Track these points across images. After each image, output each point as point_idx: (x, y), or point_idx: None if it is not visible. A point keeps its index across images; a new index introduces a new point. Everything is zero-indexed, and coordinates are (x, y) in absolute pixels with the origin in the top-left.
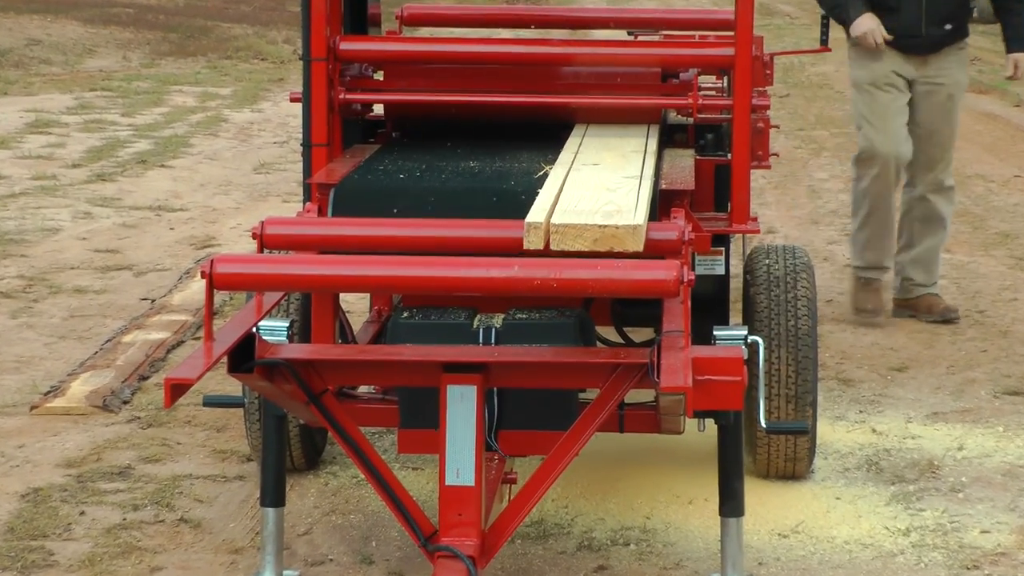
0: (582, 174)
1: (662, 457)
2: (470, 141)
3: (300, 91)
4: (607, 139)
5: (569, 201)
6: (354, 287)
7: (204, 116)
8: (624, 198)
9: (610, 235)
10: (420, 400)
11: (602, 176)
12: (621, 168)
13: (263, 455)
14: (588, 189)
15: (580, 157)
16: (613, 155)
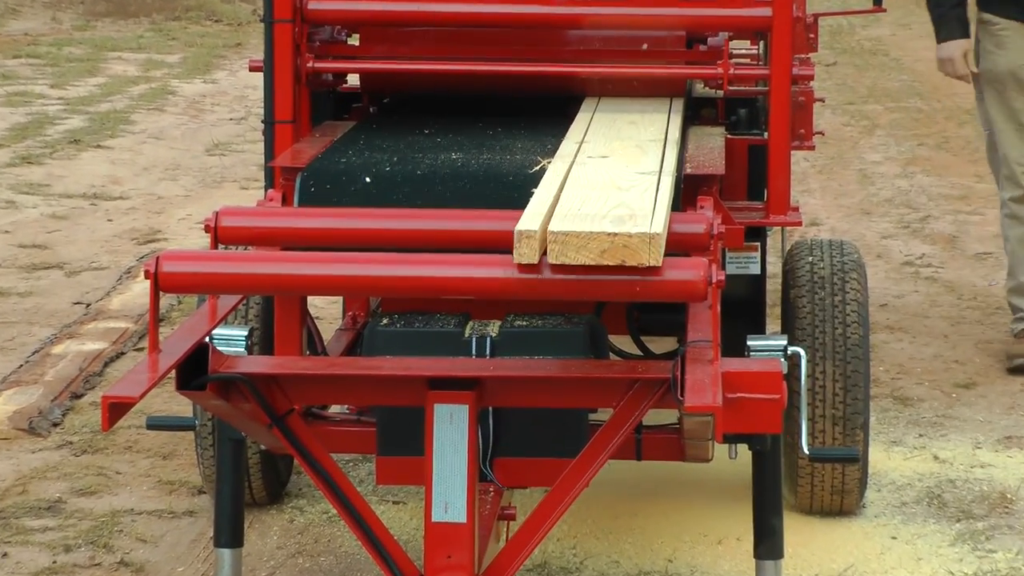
0: (588, 169)
1: (687, 489)
2: (461, 118)
3: (261, 58)
4: (620, 119)
5: (571, 203)
6: (324, 289)
7: (148, 88)
8: (639, 199)
9: (621, 246)
10: (402, 422)
11: (612, 171)
12: (636, 160)
13: (217, 487)
14: (595, 188)
15: (586, 147)
16: (626, 144)
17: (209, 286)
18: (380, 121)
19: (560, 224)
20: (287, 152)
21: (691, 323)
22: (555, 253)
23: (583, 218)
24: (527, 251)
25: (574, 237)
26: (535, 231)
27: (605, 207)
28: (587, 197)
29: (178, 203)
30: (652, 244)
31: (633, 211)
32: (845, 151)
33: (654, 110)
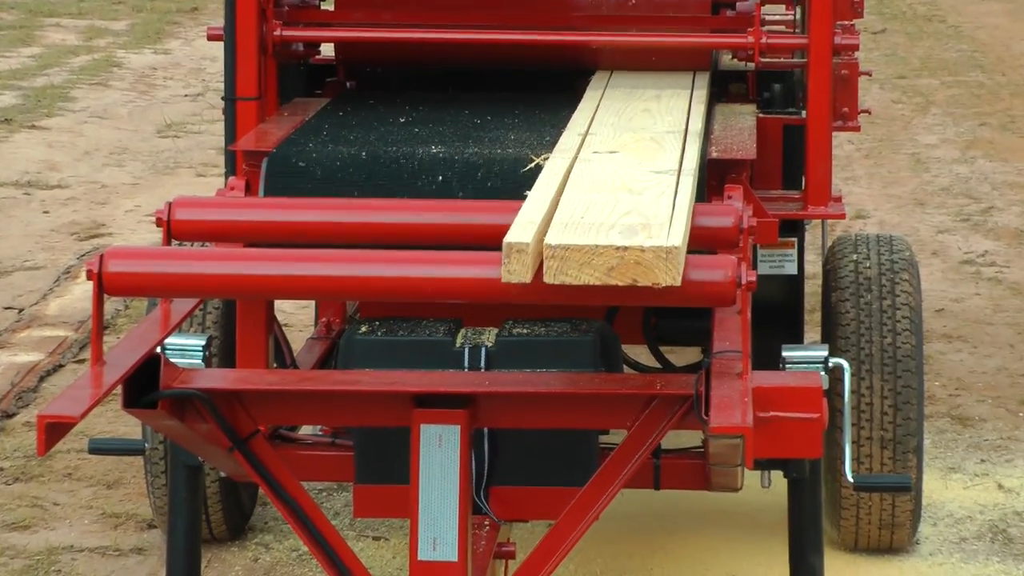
0: (592, 168)
1: (713, 523)
2: (448, 98)
3: (221, 25)
4: (632, 105)
5: (572, 209)
6: (293, 292)
7: (90, 59)
8: (654, 205)
9: (632, 262)
10: (384, 445)
11: (622, 169)
12: (650, 156)
13: (171, 520)
14: (601, 190)
15: (592, 140)
16: (638, 136)
17: (161, 288)
18: (358, 98)
19: (559, 236)
20: (251, 134)
21: (717, 331)
22: (552, 270)
23: (586, 228)
24: (518, 267)
25: (575, 252)
26: (527, 244)
27: (613, 214)
28: (591, 202)
29: (125, 192)
30: (670, 260)
31: (647, 219)
32: (895, 132)
33: (673, 91)
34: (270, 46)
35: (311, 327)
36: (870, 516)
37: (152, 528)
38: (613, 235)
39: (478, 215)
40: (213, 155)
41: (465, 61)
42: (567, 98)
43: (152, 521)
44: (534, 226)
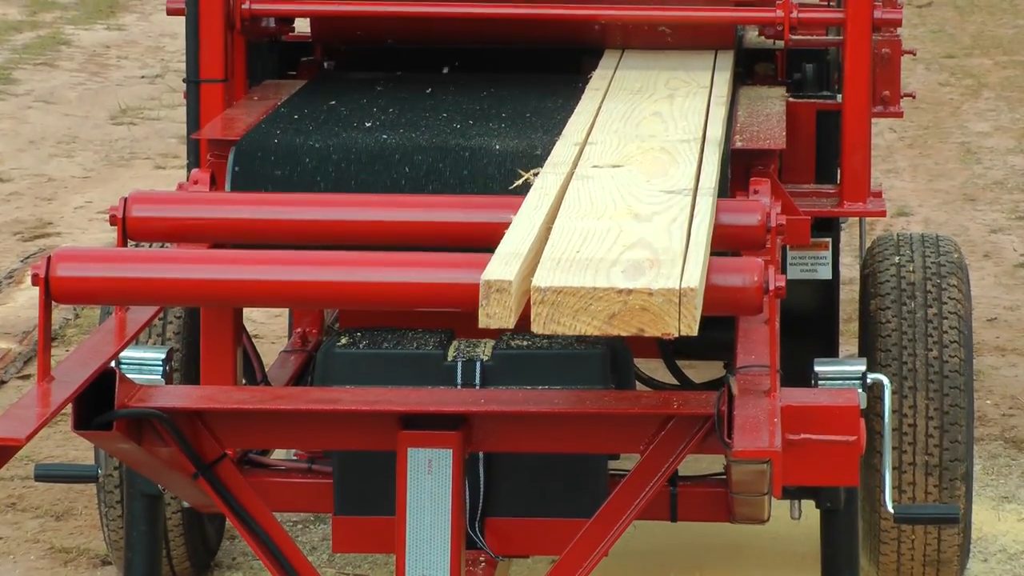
0: (591, 186)
1: (737, 559)
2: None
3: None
4: (642, 101)
5: (565, 240)
6: (264, 299)
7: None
8: (664, 233)
9: (637, 308)
10: (366, 472)
11: (627, 188)
12: (661, 170)
13: (127, 555)
14: (601, 215)
15: (591, 150)
16: (647, 146)
17: (115, 295)
18: (336, 80)
19: (550, 275)
20: (216, 120)
21: (741, 343)
22: (542, 318)
23: (583, 265)
24: (498, 310)
25: (570, 296)
26: (509, 282)
27: (615, 247)
28: (589, 230)
29: (74, 187)
30: (685, 304)
31: (656, 253)
32: (943, 119)
33: (688, 88)
34: (238, 21)
35: (284, 339)
36: (913, 551)
37: (107, 564)
38: (615, 274)
39: (469, 212)
40: (174, 144)
41: (455, 38)
42: (566, 88)
43: (106, 557)
44: (519, 260)
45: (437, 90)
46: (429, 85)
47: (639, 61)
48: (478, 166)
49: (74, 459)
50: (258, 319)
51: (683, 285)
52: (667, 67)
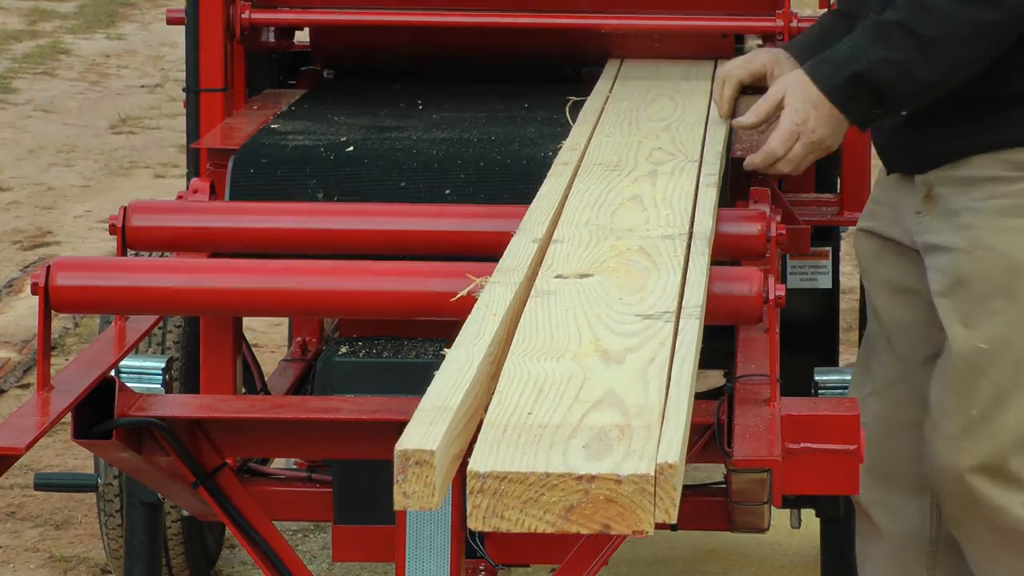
0: (552, 307)
1: (736, 567)
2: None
3: (182, 7)
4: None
5: (515, 393)
6: (264, 307)
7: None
8: (639, 382)
9: (601, 499)
10: (366, 481)
11: (596, 307)
12: (638, 283)
13: (127, 564)
14: (560, 352)
15: (556, 251)
16: (622, 245)
17: (115, 304)
18: (336, 89)
19: (491, 454)
20: (216, 130)
21: (741, 352)
22: (481, 511)
23: (534, 435)
24: (419, 489)
25: (516, 484)
26: (432, 453)
27: (576, 404)
28: (546, 378)
29: (74, 196)
30: (662, 486)
31: (626, 415)
32: None
33: (675, 154)
34: (238, 31)
35: (284, 348)
36: None
37: (106, 573)
38: (574, 450)
39: (469, 221)
40: (173, 153)
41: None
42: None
43: (106, 566)
44: (447, 418)
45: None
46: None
47: (623, 110)
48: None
49: (74, 468)
50: (258, 328)
51: (660, 461)
52: (652, 130)
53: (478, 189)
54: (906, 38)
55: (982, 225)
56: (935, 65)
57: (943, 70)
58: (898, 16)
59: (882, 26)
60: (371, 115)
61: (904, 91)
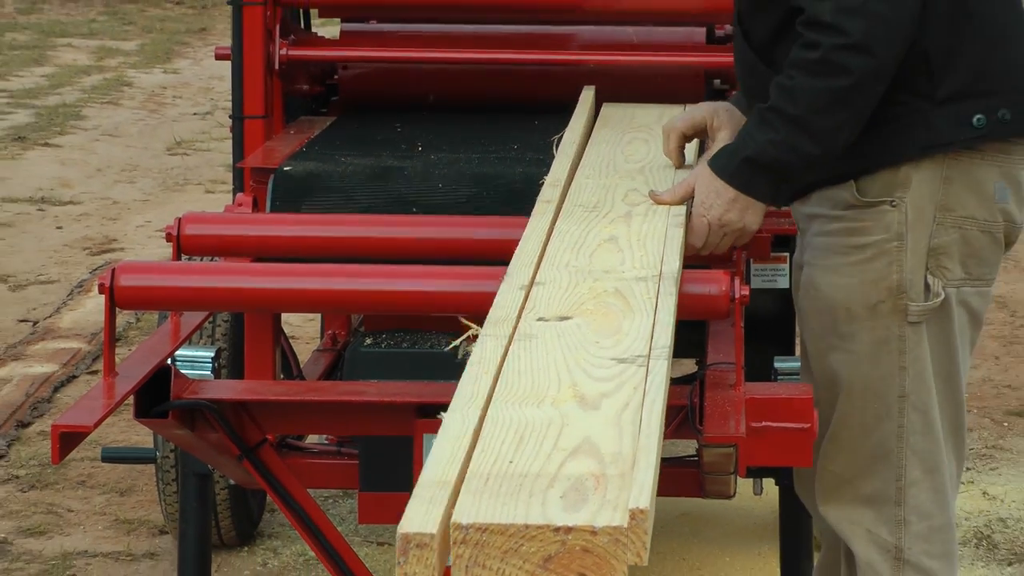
0: (535, 349)
1: (706, 529)
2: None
3: (228, 45)
4: (597, 222)
5: (497, 443)
6: (300, 305)
7: (101, 79)
8: (614, 427)
9: (578, 550)
10: (388, 454)
11: (575, 351)
12: (613, 325)
13: (181, 526)
14: (540, 398)
15: (539, 293)
16: (598, 288)
17: (171, 302)
18: (362, 117)
19: (473, 505)
20: (258, 151)
21: (711, 343)
22: (464, 560)
23: (514, 485)
24: (420, 570)
25: (496, 535)
26: (432, 536)
27: (555, 453)
28: (526, 425)
29: (136, 208)
30: (634, 530)
31: (602, 464)
32: None
33: (647, 205)
34: (277, 65)
35: (317, 339)
36: None
37: (164, 534)
38: (552, 501)
39: (477, 230)
40: (221, 172)
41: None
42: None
43: (164, 527)
44: (444, 494)
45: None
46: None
47: (602, 153)
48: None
49: (135, 443)
50: (294, 323)
51: (632, 506)
52: (628, 172)
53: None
54: (781, 119)
55: (813, 263)
56: (812, 137)
57: (821, 140)
58: (772, 102)
59: (762, 113)
60: (393, 138)
61: (794, 164)
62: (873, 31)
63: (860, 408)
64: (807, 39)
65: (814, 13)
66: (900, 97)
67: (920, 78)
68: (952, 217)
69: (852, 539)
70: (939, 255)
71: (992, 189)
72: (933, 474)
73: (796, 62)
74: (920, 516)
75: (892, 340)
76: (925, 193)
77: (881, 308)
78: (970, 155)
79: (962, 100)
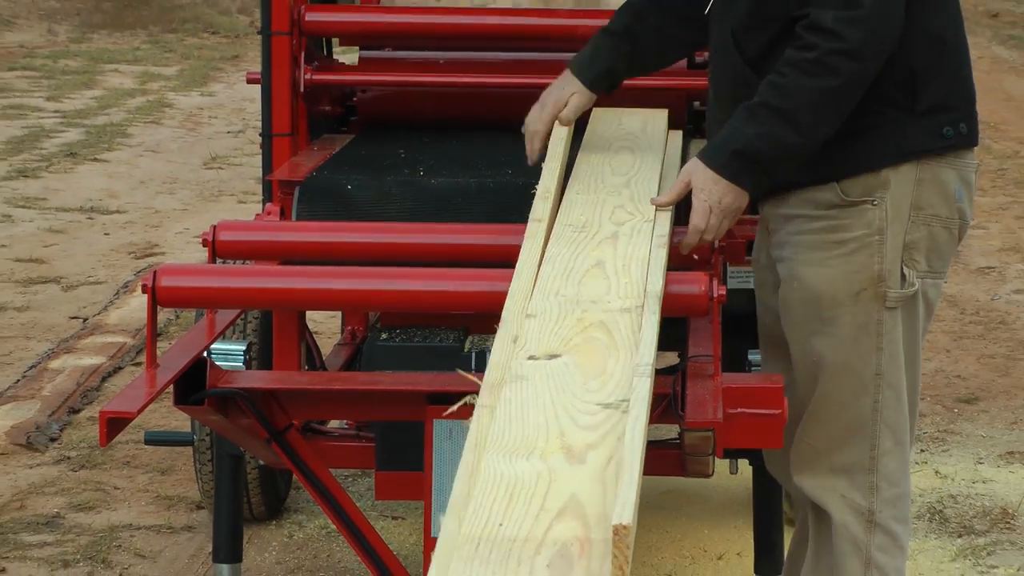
0: (525, 392)
1: (687, 504)
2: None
3: (258, 71)
4: (586, 244)
5: (489, 501)
6: (323, 303)
7: (144, 100)
8: (596, 485)
9: None
10: (401, 437)
11: (562, 395)
12: (600, 362)
13: (216, 502)
14: (530, 448)
15: (531, 327)
16: (586, 321)
17: (207, 300)
18: (379, 134)
19: (464, 573)
20: (285, 165)
21: (692, 338)
22: None
23: (503, 551)
24: None
25: None
26: None
27: (543, 515)
28: (516, 482)
29: (175, 217)
30: None
31: (586, 527)
32: None
33: (635, 214)
34: (302, 89)
35: (338, 334)
36: None
37: (200, 509)
38: (539, 570)
39: (483, 236)
40: (252, 184)
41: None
42: None
43: (200, 503)
44: None
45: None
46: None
47: (592, 162)
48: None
49: (175, 428)
50: (318, 319)
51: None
52: (615, 186)
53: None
54: (769, 113)
55: (794, 258)
56: (798, 130)
57: (806, 133)
58: (761, 98)
59: (750, 108)
60: (408, 155)
61: (777, 156)
62: (868, 41)
63: (839, 386)
64: (806, 41)
65: (816, 19)
66: (883, 109)
67: (904, 93)
68: (923, 215)
69: (828, 503)
70: (911, 249)
71: (953, 190)
72: (902, 446)
73: (791, 61)
74: (890, 483)
75: (871, 324)
76: (902, 193)
77: (863, 295)
78: (937, 161)
79: (936, 114)
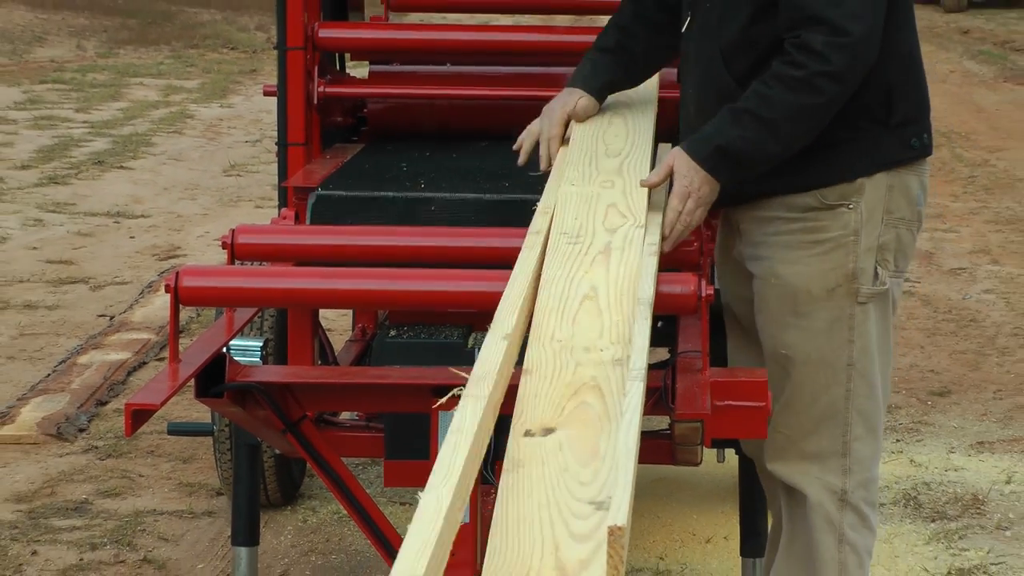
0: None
1: (677, 491)
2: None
3: (275, 84)
4: (582, 263)
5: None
6: (335, 302)
7: (168, 112)
8: None
9: None
10: (408, 428)
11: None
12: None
13: (235, 489)
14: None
15: (527, 385)
16: (577, 381)
17: (226, 299)
18: (388, 144)
19: None
20: (300, 173)
21: (682, 334)
22: None
23: None
24: None
25: None
26: None
27: None
28: None
29: (196, 221)
30: None
31: None
32: None
33: (627, 216)
34: (315, 101)
35: (349, 331)
36: None
37: (220, 495)
38: None
39: (483, 239)
40: (269, 190)
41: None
42: None
43: (220, 489)
44: None
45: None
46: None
47: (587, 136)
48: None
49: (196, 419)
50: (330, 317)
51: None
52: (608, 173)
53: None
54: (752, 120)
55: (772, 257)
56: (777, 139)
57: (783, 142)
58: (747, 105)
59: (736, 112)
60: (414, 164)
61: (756, 158)
62: (852, 67)
63: (812, 377)
64: (794, 59)
65: (807, 40)
66: (860, 123)
67: (880, 108)
68: (892, 219)
69: (804, 485)
70: (883, 250)
71: (915, 195)
72: (873, 433)
73: (778, 75)
74: (862, 467)
75: (844, 318)
76: (875, 199)
77: (838, 291)
78: (905, 168)
79: (907, 126)
